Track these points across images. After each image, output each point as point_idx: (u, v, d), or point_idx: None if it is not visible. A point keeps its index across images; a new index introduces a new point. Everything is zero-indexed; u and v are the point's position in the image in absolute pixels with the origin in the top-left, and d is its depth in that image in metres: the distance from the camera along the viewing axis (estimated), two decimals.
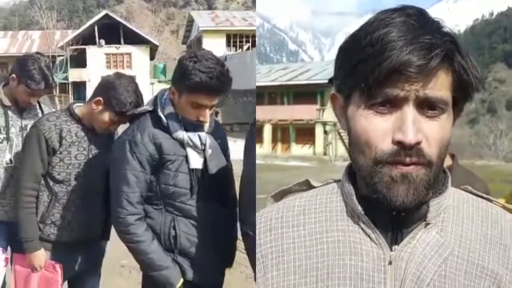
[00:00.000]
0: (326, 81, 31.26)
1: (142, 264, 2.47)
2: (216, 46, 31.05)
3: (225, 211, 2.57)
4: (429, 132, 0.99)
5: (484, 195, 1.16)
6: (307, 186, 1.25)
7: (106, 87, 2.74)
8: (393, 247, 1.05)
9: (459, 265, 1.03)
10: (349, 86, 1.04)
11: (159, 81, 40.01)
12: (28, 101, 3.11)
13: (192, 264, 2.47)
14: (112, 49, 41.84)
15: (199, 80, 2.27)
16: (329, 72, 29.53)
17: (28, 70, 2.97)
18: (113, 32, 41.55)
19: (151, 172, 2.39)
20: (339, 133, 31.18)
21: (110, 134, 2.90)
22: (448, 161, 2.96)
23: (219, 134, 2.62)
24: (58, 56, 39.67)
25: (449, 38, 0.99)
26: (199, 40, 41.31)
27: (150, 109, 2.48)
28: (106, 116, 2.73)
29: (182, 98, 2.37)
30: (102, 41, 42.04)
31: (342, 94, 1.08)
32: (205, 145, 2.46)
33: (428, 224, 1.06)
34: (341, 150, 30.88)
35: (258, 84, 36.16)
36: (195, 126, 2.43)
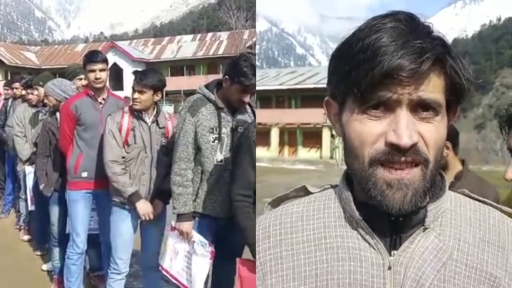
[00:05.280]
0: None
1: None
2: None
3: None
4: (424, 133, 0.99)
5: (481, 198, 1.16)
6: (304, 192, 1.25)
7: None
8: (392, 252, 1.05)
9: (458, 269, 1.03)
10: (342, 92, 1.04)
11: None
12: (241, 99, 3.23)
13: None
14: None
15: None
16: None
17: (240, 68, 3.13)
18: None
19: None
20: None
21: None
22: (458, 167, 2.94)
23: None
24: None
25: (440, 42, 1.00)
26: None
27: None
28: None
29: None
30: None
31: (336, 100, 1.09)
32: None
33: (426, 228, 1.05)
34: None
35: (266, 87, 36.19)
36: None
